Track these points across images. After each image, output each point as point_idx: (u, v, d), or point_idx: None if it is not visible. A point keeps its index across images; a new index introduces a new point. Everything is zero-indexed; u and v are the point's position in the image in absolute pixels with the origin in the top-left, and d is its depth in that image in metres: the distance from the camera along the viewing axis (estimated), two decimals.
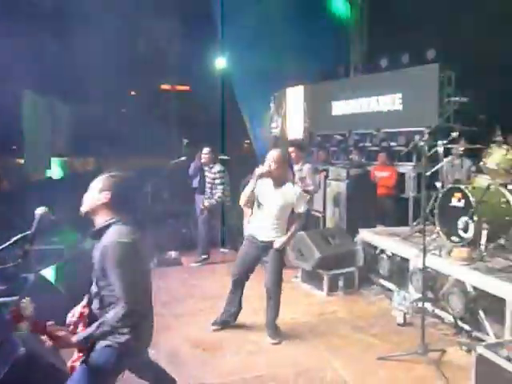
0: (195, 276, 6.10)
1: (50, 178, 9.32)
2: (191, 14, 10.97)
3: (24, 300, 2.08)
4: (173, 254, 6.69)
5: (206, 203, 6.60)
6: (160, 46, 12.35)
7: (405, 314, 4.40)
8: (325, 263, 5.24)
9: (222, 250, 7.17)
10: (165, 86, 14.15)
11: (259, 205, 4.11)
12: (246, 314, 4.71)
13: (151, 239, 7.03)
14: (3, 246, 2.19)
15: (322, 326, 4.32)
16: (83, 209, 2.37)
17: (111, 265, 2.20)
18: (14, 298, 4.00)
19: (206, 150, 6.75)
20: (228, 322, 4.34)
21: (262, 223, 4.12)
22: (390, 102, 8.82)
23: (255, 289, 5.56)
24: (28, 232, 2.19)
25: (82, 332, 2.23)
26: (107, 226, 2.30)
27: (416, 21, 8.12)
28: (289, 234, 4.11)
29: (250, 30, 9.77)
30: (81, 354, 2.25)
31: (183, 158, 7.24)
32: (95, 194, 2.35)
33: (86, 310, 2.33)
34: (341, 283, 5.24)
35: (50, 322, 2.16)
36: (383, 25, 9.72)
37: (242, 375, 3.52)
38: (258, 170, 4.00)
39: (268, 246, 4.10)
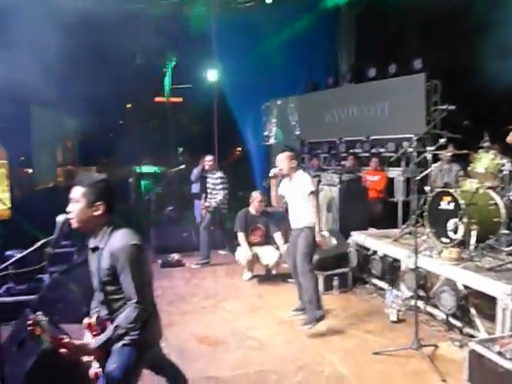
0: (197, 276, 6.30)
1: (54, 186, 9.43)
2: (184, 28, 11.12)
3: (38, 314, 2.10)
4: (175, 256, 6.88)
5: (207, 203, 6.83)
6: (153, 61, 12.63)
7: (398, 311, 4.56)
8: (322, 264, 5.39)
9: (220, 252, 7.33)
10: (159, 99, 14.53)
11: (286, 201, 4.72)
12: (245, 312, 4.90)
13: (155, 242, 7.31)
14: (29, 250, 2.26)
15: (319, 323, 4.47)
16: (75, 224, 2.28)
17: (126, 267, 2.19)
18: (34, 296, 4.13)
19: (209, 157, 7.02)
20: (304, 309, 4.58)
21: (291, 215, 4.63)
22: (379, 110, 9.08)
23: (254, 288, 5.78)
24: (51, 237, 2.25)
25: (99, 338, 2.22)
26: (109, 234, 2.29)
27: (402, 32, 8.36)
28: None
29: (241, 44, 9.98)
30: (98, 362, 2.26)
31: (182, 167, 7.36)
32: (85, 208, 2.26)
33: (92, 320, 2.33)
34: (335, 283, 5.41)
35: (64, 337, 2.16)
36: (370, 36, 9.98)
37: (245, 370, 3.66)
38: (272, 171, 4.61)
39: (298, 232, 4.52)
